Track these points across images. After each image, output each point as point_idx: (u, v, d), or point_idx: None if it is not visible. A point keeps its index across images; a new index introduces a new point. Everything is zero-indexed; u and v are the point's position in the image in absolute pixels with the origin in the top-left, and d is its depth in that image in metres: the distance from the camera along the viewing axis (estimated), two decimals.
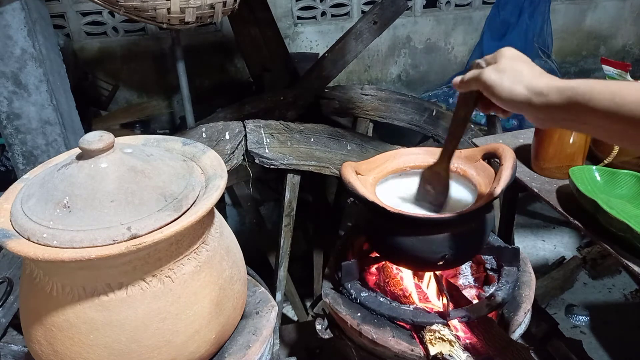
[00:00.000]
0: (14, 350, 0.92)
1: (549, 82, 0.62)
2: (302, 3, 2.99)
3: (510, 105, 0.66)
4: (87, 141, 0.66)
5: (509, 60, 0.68)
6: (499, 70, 0.67)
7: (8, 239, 0.60)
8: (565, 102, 0.59)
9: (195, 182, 0.71)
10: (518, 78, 0.65)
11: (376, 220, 0.98)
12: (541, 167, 1.17)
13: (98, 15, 2.73)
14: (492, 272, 1.09)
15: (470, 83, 0.72)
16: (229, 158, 1.40)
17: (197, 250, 0.70)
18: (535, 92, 0.62)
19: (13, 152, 1.36)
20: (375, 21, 1.84)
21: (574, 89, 0.58)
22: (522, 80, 0.64)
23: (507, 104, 0.67)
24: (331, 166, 1.50)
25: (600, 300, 2.06)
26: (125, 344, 0.64)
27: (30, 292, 0.67)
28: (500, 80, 0.66)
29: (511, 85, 0.65)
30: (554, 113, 0.61)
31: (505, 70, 0.66)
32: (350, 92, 1.87)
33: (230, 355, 0.78)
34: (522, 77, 0.65)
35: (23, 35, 1.25)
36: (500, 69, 0.67)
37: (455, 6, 3.21)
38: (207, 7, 1.39)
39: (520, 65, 0.66)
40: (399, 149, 1.15)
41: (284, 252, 1.57)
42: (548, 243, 2.44)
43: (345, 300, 1.03)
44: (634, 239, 0.88)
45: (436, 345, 0.89)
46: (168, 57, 2.81)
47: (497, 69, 0.68)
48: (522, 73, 0.65)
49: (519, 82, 0.64)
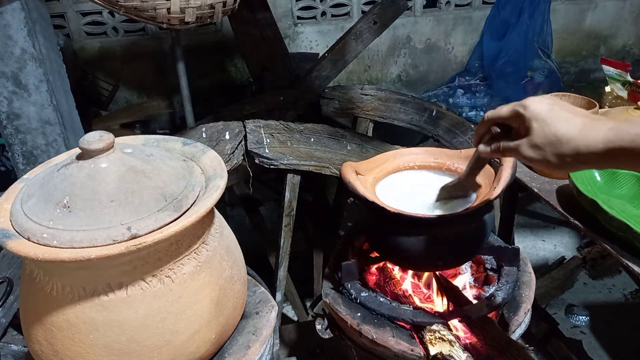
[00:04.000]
0: (14, 350, 0.92)
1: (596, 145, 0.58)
2: (302, 3, 2.98)
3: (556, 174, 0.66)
4: (87, 141, 0.66)
5: (541, 129, 0.63)
6: (537, 147, 0.63)
7: (8, 239, 0.60)
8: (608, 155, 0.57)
9: (195, 182, 0.71)
10: (562, 150, 0.61)
11: (376, 220, 0.98)
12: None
13: (98, 15, 2.73)
14: (492, 272, 1.09)
15: (507, 154, 0.69)
16: (229, 158, 1.40)
17: (197, 250, 0.70)
18: (587, 160, 0.60)
19: (13, 152, 1.36)
20: (375, 21, 1.83)
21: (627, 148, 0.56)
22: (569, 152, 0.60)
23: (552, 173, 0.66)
24: (331, 166, 1.50)
25: (600, 300, 2.05)
26: (125, 344, 0.64)
27: (30, 292, 0.67)
28: (544, 158, 0.63)
29: (559, 161, 0.61)
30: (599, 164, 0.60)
31: (544, 146, 0.62)
32: (350, 92, 1.87)
33: (230, 355, 0.78)
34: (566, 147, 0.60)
35: (23, 35, 1.25)
36: (537, 145, 0.63)
37: (455, 6, 3.21)
38: (207, 7, 1.39)
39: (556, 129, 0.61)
40: (399, 149, 1.15)
41: (284, 252, 1.57)
42: (548, 243, 2.44)
43: (345, 300, 1.03)
44: (634, 239, 0.88)
45: (436, 345, 0.89)
46: (168, 57, 2.81)
47: (534, 145, 0.63)
48: (563, 142, 0.61)
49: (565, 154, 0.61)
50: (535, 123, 0.63)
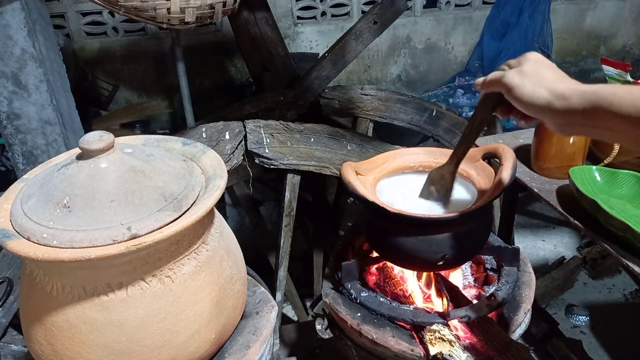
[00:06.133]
0: (14, 350, 0.92)
1: (570, 86, 0.62)
2: (302, 3, 2.98)
3: (531, 108, 0.66)
4: (87, 141, 0.66)
5: (533, 64, 0.67)
6: (521, 73, 0.67)
7: (8, 239, 0.60)
8: (587, 107, 0.59)
9: (195, 182, 0.71)
10: (540, 81, 0.64)
11: (376, 220, 0.98)
12: (541, 167, 1.17)
13: (98, 15, 2.73)
14: (492, 272, 1.09)
15: (492, 84, 0.72)
16: (229, 158, 1.40)
17: (197, 250, 0.70)
18: (557, 95, 0.62)
19: (13, 152, 1.36)
20: (375, 21, 1.83)
21: (597, 93, 0.58)
22: (545, 84, 0.64)
23: (527, 107, 0.66)
24: (331, 166, 1.50)
25: (600, 300, 2.05)
26: (125, 344, 0.64)
27: (30, 292, 0.67)
28: (522, 83, 0.66)
29: (533, 88, 0.64)
30: (575, 118, 0.61)
31: (528, 73, 0.66)
32: (350, 92, 1.87)
33: (230, 355, 0.78)
34: (544, 80, 0.64)
35: (23, 35, 1.25)
36: (523, 71, 0.67)
37: (455, 6, 3.21)
38: (207, 7, 1.39)
39: (544, 69, 0.66)
40: (399, 149, 1.15)
41: (284, 252, 1.57)
42: (548, 243, 2.44)
43: (345, 300, 1.03)
44: (634, 239, 0.88)
45: (436, 345, 0.89)
46: (168, 57, 2.81)
47: (520, 71, 0.67)
48: (545, 76, 0.65)
49: (541, 85, 0.64)
50: (530, 61, 0.68)
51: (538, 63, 0.68)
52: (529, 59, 0.69)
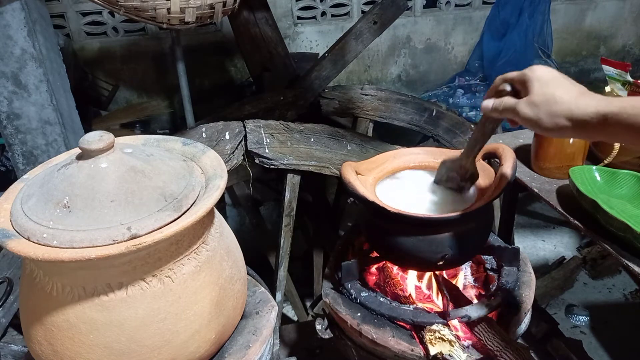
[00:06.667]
0: (14, 350, 0.92)
1: (587, 109, 0.61)
2: (302, 3, 2.98)
3: (552, 135, 0.67)
4: (87, 141, 0.66)
5: (540, 89, 0.66)
6: (533, 105, 0.66)
7: (8, 239, 0.60)
8: (603, 123, 0.60)
9: (195, 182, 0.71)
10: (556, 109, 0.64)
11: (376, 220, 0.98)
12: (541, 167, 1.17)
13: (98, 15, 2.73)
14: (492, 272, 1.09)
15: (505, 113, 0.72)
16: (229, 158, 1.40)
17: (197, 250, 0.70)
18: (578, 122, 0.62)
19: (13, 152, 1.36)
20: (375, 21, 1.83)
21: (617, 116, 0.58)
22: (562, 112, 0.63)
23: (549, 135, 0.68)
24: (331, 166, 1.50)
25: (600, 300, 2.05)
26: (125, 344, 0.64)
27: (30, 292, 0.67)
28: (537, 117, 0.65)
29: (551, 120, 0.64)
30: (590, 133, 0.63)
31: (540, 104, 0.65)
32: (350, 92, 1.87)
33: (230, 355, 0.78)
34: (559, 105, 0.64)
35: (23, 35, 1.25)
36: (534, 103, 0.66)
37: (455, 6, 3.21)
38: (207, 7, 1.39)
39: (553, 91, 0.65)
40: (399, 149, 1.15)
41: (284, 252, 1.57)
42: (548, 243, 2.44)
43: (345, 300, 1.03)
44: (634, 239, 0.88)
45: (436, 345, 0.89)
46: (168, 57, 2.81)
47: (531, 103, 0.66)
48: (558, 101, 0.64)
49: (557, 115, 0.64)
50: (537, 83, 0.67)
51: (545, 85, 0.66)
52: (532, 81, 0.67)
